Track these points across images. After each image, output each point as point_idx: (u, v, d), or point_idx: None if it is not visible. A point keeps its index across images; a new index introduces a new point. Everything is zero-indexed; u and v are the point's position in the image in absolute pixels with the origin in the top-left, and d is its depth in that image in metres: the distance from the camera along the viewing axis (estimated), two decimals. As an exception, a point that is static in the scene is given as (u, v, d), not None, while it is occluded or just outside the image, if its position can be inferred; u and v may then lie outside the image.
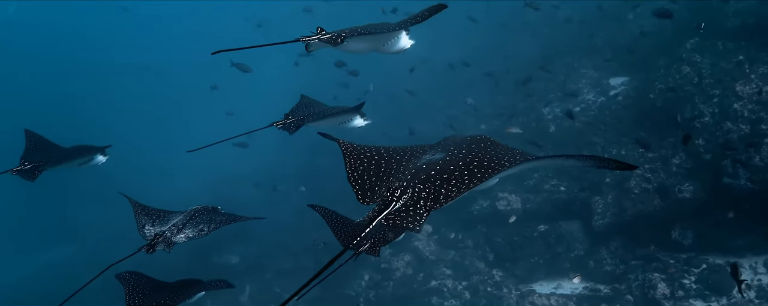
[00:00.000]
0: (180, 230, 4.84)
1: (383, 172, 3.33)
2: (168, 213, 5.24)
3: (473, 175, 3.04)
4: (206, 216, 5.11)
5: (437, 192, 2.98)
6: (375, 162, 3.43)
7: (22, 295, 17.62)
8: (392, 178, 3.23)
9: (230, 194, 18.79)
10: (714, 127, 10.43)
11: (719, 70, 11.16)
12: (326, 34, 4.42)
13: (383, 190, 3.16)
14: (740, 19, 12.10)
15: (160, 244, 4.70)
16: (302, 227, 15.29)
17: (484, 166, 3.10)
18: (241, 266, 15.52)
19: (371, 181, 3.29)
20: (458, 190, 2.96)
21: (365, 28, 4.54)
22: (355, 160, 3.43)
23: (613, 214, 11.09)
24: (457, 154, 3.25)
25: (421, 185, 3.03)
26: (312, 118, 5.94)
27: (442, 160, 3.21)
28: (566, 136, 13.57)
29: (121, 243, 10.28)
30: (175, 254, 14.50)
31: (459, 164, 3.14)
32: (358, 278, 13.03)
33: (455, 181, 3.03)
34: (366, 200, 3.17)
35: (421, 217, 2.89)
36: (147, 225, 4.97)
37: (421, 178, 3.08)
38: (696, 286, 9.53)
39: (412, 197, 2.98)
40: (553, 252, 11.47)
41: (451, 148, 3.37)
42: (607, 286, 10.54)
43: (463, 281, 12.05)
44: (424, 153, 3.48)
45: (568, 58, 16.81)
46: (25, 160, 5.97)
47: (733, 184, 9.58)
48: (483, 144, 3.39)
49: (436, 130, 17.00)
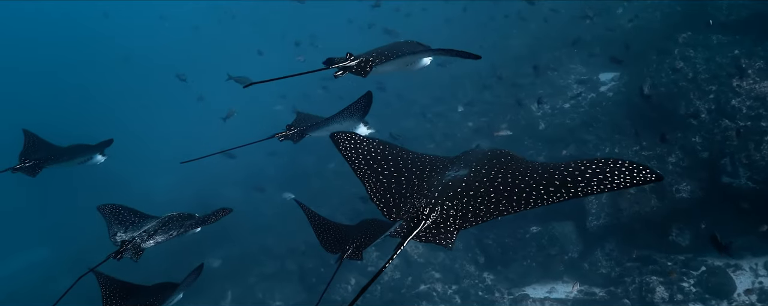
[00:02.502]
0: (151, 236, 4.84)
1: (405, 188, 3.33)
2: (143, 218, 5.23)
3: (500, 194, 2.99)
4: (179, 222, 5.08)
5: (465, 209, 2.99)
6: (395, 180, 3.42)
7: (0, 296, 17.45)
8: (416, 194, 3.22)
9: (210, 193, 18.27)
10: (711, 124, 10.11)
11: (715, 65, 10.84)
12: (354, 60, 4.31)
13: (408, 206, 3.16)
14: (734, 13, 11.80)
15: (128, 252, 4.70)
16: (286, 230, 14.81)
17: (517, 187, 3.01)
18: (222, 270, 14.95)
19: (395, 198, 3.28)
20: (487, 210, 2.93)
21: (391, 52, 4.45)
22: (373, 181, 3.42)
23: (607, 214, 10.74)
24: (480, 170, 3.25)
25: (449, 203, 3.04)
26: (315, 128, 5.87)
27: (467, 177, 3.20)
28: (557, 134, 13.20)
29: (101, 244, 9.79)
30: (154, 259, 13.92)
31: (483, 181, 3.13)
32: (344, 282, 12.56)
33: (482, 198, 3.01)
34: (393, 216, 3.18)
35: (452, 235, 2.91)
36: (119, 232, 4.97)
37: (448, 195, 3.08)
38: (695, 289, 9.19)
39: (441, 214, 2.99)
40: (546, 254, 11.08)
41: (474, 163, 3.36)
42: (602, 290, 10.19)
43: (453, 285, 11.65)
44: (445, 168, 3.47)
45: (556, 52, 16.47)
46: (26, 158, 6.03)
47: (732, 183, 9.25)
48: (504, 159, 3.36)
49: (422, 127, 16.61)
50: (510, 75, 16.38)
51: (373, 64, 4.31)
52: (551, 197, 2.85)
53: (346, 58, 4.33)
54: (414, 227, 2.94)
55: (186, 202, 17.13)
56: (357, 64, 4.30)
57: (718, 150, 9.72)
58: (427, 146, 15.49)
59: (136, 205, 5.47)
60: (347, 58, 4.33)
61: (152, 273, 9.56)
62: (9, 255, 22.42)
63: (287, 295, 13.14)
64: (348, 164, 3.60)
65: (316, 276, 13.12)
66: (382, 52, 4.45)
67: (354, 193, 15.27)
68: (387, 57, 4.37)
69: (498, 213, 2.91)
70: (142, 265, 10.22)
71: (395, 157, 3.60)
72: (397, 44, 4.75)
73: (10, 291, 18.30)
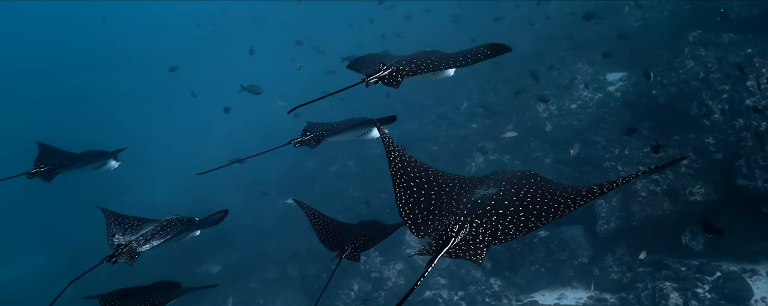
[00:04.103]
0: (148, 240, 4.79)
1: (434, 205, 3.32)
2: (141, 221, 5.19)
3: (529, 212, 3.00)
4: (177, 226, 5.04)
5: (494, 227, 2.98)
6: (425, 193, 3.42)
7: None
8: (445, 212, 3.22)
9: (210, 199, 17.98)
10: (724, 124, 9.81)
11: (727, 64, 10.55)
12: (387, 70, 4.39)
13: (437, 224, 3.16)
14: (746, 11, 11.52)
15: (123, 256, 4.65)
16: (287, 235, 14.53)
17: (546, 205, 3.05)
18: (222, 276, 14.66)
19: (423, 214, 3.27)
20: (516, 228, 2.94)
21: (421, 62, 4.48)
22: (404, 191, 3.41)
23: (618, 218, 10.43)
24: (509, 190, 3.26)
25: (478, 220, 3.04)
26: (332, 133, 5.85)
27: (496, 195, 3.21)
28: (564, 135, 12.90)
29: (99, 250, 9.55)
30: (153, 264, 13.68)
31: (513, 199, 3.14)
32: (347, 288, 12.28)
33: (511, 217, 3.01)
34: (420, 234, 3.17)
35: (482, 251, 2.90)
36: (117, 234, 4.94)
37: (477, 212, 3.09)
38: (711, 296, 8.88)
39: (471, 232, 2.99)
40: (555, 259, 10.78)
41: (503, 183, 3.39)
42: (613, 296, 9.88)
43: (460, 291, 11.36)
44: (475, 186, 3.49)
45: (561, 52, 16.18)
46: (41, 163, 6.08)
47: (748, 186, 8.94)
48: (533, 180, 3.39)
49: (425, 129, 16.32)
50: (514, 76, 16.09)
51: (404, 74, 4.39)
52: (576, 203, 2.93)
53: (379, 69, 4.41)
54: (443, 245, 2.93)
55: (185, 207, 16.87)
56: (389, 74, 4.39)
57: (733, 151, 9.42)
58: (430, 148, 15.22)
59: (135, 210, 5.41)
60: (380, 68, 4.41)
61: (150, 280, 9.30)
62: (8, 261, 22.28)
63: (289, 301, 12.86)
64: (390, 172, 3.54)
65: (317, 282, 12.84)
66: (412, 60, 4.50)
67: (357, 197, 15.00)
68: (417, 66, 4.43)
69: (526, 229, 2.91)
70: (141, 272, 10.01)
71: (427, 174, 3.61)
72: (425, 53, 4.76)
73: (7, 297, 18.12)
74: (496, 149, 14.05)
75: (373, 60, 5.33)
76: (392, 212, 12.60)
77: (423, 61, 4.49)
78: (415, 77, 4.50)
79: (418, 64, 4.44)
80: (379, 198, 14.19)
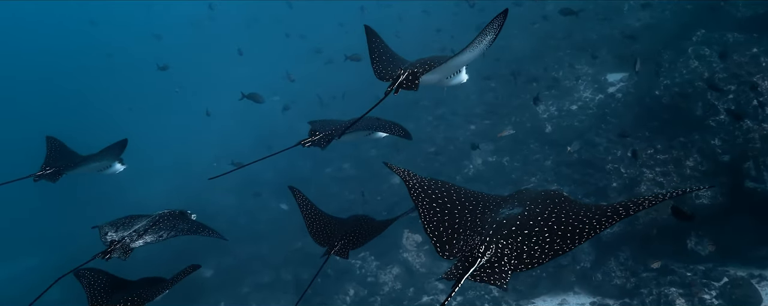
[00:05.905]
0: (140, 236, 4.77)
1: (458, 224, 3.27)
2: (134, 218, 5.14)
3: (554, 233, 2.95)
4: (170, 221, 5.05)
5: (520, 249, 2.93)
6: (448, 212, 3.37)
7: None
8: (470, 232, 3.18)
9: (205, 200, 17.66)
10: (731, 125, 9.55)
11: (733, 64, 10.29)
12: (404, 73, 4.48)
13: (462, 244, 3.11)
14: (751, 10, 11.28)
15: (116, 252, 4.64)
16: (281, 238, 14.22)
17: (571, 225, 2.99)
18: (215, 280, 14.35)
19: (447, 233, 3.22)
20: (542, 251, 2.87)
21: (433, 61, 4.57)
22: (428, 210, 3.37)
23: (621, 221, 10.14)
24: (534, 210, 3.24)
25: (504, 241, 3.00)
26: (340, 133, 5.68)
27: (521, 215, 3.19)
28: (565, 137, 12.63)
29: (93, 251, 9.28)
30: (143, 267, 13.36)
31: (538, 220, 3.11)
32: (343, 293, 11.97)
33: (536, 238, 2.96)
34: (445, 254, 3.10)
35: (507, 275, 2.83)
36: (110, 232, 4.87)
37: (502, 233, 3.05)
38: (718, 302, 8.60)
39: (496, 253, 2.94)
40: (556, 264, 10.48)
41: (528, 203, 3.37)
42: (617, 302, 9.60)
43: (458, 296, 11.05)
44: (499, 205, 3.46)
45: (560, 53, 15.93)
46: (47, 166, 6.10)
47: (757, 188, 8.68)
48: (558, 200, 3.35)
49: (423, 131, 16.03)
50: (512, 76, 15.83)
51: (420, 77, 4.48)
52: (602, 225, 2.87)
53: (399, 74, 4.49)
54: (469, 266, 2.88)
55: (180, 208, 16.51)
56: (406, 78, 4.48)
57: (740, 153, 9.15)
58: (427, 150, 14.94)
59: (128, 212, 5.32)
60: (400, 72, 4.50)
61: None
62: (1, 262, 22.09)
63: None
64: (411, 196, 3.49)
65: (312, 287, 12.49)
66: (426, 62, 4.58)
67: (352, 200, 14.70)
68: (430, 66, 4.49)
69: (553, 253, 2.85)
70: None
71: (449, 193, 3.58)
72: (431, 58, 4.78)
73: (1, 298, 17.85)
74: (495, 151, 13.79)
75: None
76: (388, 215, 12.31)
77: (435, 62, 4.55)
78: (430, 76, 4.54)
79: (431, 64, 4.51)
80: (374, 201, 13.91)
